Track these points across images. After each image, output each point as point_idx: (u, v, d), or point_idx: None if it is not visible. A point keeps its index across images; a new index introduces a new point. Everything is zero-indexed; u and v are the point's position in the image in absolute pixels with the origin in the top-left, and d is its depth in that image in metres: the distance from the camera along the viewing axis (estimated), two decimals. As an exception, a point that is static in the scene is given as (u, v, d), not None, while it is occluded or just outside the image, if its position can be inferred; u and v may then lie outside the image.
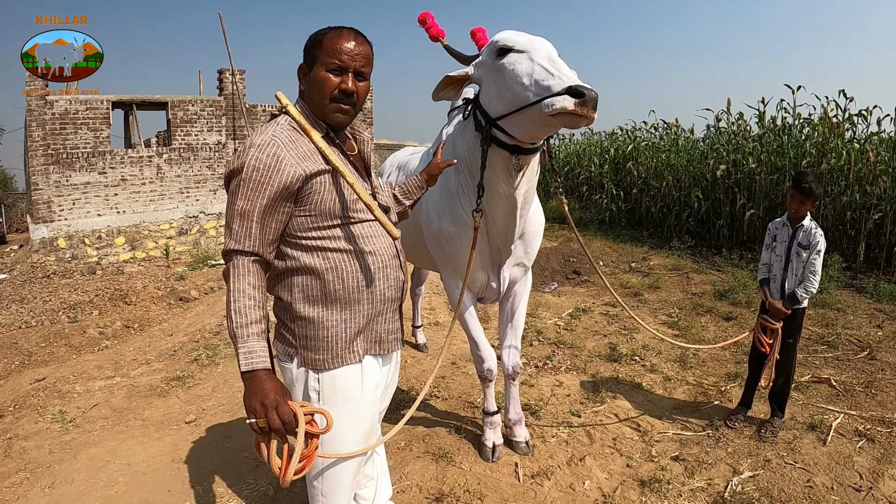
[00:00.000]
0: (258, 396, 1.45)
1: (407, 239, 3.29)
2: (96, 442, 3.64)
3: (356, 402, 1.73)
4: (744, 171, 8.67)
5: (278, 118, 1.69)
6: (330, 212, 1.64)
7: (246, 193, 1.55)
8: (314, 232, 1.64)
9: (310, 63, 1.67)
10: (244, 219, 1.55)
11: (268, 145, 1.57)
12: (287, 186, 1.56)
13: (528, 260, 2.96)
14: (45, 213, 9.91)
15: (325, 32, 1.67)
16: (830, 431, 3.29)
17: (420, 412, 3.69)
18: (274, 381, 1.49)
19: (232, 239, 1.56)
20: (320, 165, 1.62)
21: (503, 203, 2.50)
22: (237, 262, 1.55)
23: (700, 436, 3.34)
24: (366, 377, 1.75)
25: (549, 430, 3.41)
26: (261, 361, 1.49)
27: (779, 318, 3.23)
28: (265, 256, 1.59)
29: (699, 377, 4.14)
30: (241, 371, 1.48)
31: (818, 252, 3.15)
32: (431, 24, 2.54)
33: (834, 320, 5.18)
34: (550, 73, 1.96)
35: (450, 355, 4.73)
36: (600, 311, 5.90)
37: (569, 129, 2.17)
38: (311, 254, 1.65)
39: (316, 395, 1.70)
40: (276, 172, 1.55)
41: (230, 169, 1.61)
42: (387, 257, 1.76)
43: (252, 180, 1.54)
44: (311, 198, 1.61)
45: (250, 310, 1.52)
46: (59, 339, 6.17)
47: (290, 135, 1.62)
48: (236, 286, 1.53)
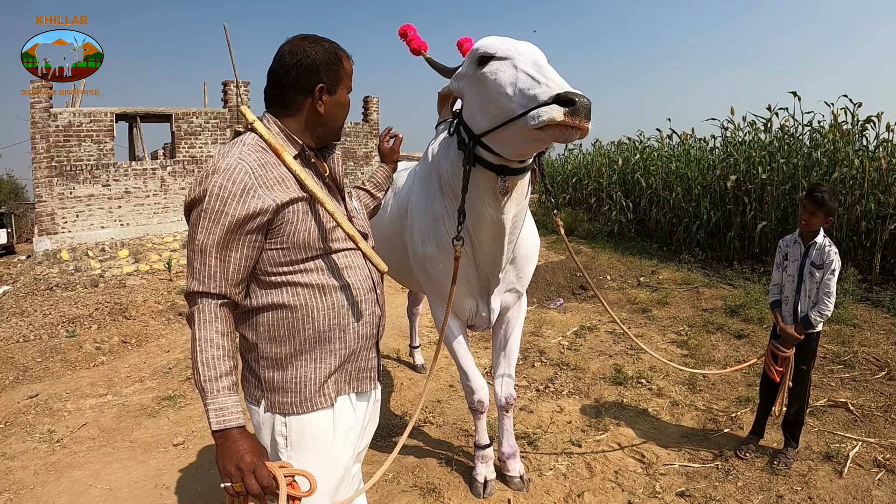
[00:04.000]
0: (233, 459, 1.32)
1: (395, 260, 3.12)
2: (81, 464, 3.59)
3: (327, 448, 1.57)
4: (754, 182, 8.49)
5: (243, 136, 1.53)
6: (304, 244, 1.49)
7: (208, 226, 1.39)
8: (286, 266, 1.49)
9: (333, 83, 1.56)
10: (208, 256, 1.40)
11: (233, 170, 1.40)
12: (255, 218, 1.40)
13: (522, 285, 2.78)
14: (48, 225, 9.89)
15: (337, 50, 1.58)
16: (847, 462, 3.12)
17: (412, 440, 3.55)
18: (249, 441, 1.36)
19: (195, 279, 1.41)
20: (294, 193, 1.46)
21: (490, 229, 2.32)
22: (202, 307, 1.40)
23: (708, 468, 3.16)
24: (338, 421, 1.59)
25: (546, 462, 3.25)
26: (234, 419, 1.36)
27: (791, 345, 3.05)
28: (233, 298, 1.44)
29: (708, 402, 3.96)
30: (212, 430, 1.34)
31: (833, 272, 2.97)
32: (413, 36, 2.39)
33: (850, 337, 5.01)
34: (536, 80, 1.77)
35: (448, 377, 4.59)
36: (606, 330, 5.74)
37: (562, 144, 1.99)
38: (280, 290, 1.50)
39: (283, 441, 1.54)
40: (243, 202, 1.39)
41: (191, 198, 1.43)
42: (362, 291, 1.60)
43: (215, 211, 1.38)
44: (284, 229, 1.46)
45: (219, 361, 1.37)
46: (55, 354, 6.08)
47: (258, 157, 1.45)
48: (202, 335, 1.38)
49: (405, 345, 5.44)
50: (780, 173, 8.22)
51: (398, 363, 5.08)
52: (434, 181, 2.57)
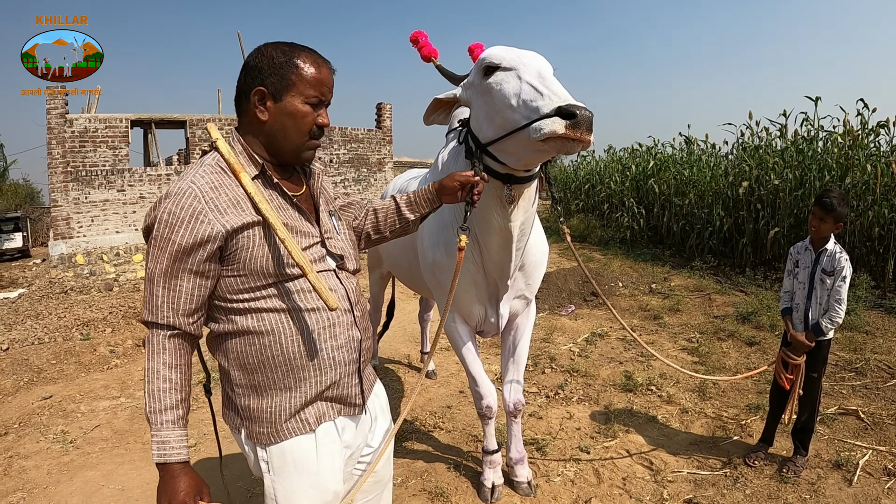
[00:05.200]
0: (168, 495, 1.32)
1: (406, 266, 3.15)
2: (94, 465, 3.62)
3: (311, 473, 1.49)
4: (767, 188, 8.43)
5: (206, 157, 1.46)
6: (262, 270, 1.40)
7: (157, 255, 1.34)
8: (246, 293, 1.42)
9: (279, 87, 1.40)
10: (155, 285, 1.35)
11: (183, 195, 1.33)
12: (205, 245, 1.34)
13: (530, 292, 2.79)
14: (63, 229, 10.01)
15: (297, 54, 1.42)
16: (857, 470, 3.09)
17: (421, 445, 3.56)
18: (188, 479, 1.34)
19: (146, 308, 1.36)
20: (247, 217, 1.37)
21: (497, 236, 2.34)
22: (151, 338, 1.36)
23: (717, 475, 3.14)
24: (321, 447, 1.51)
25: (554, 468, 3.24)
26: (174, 454, 1.33)
27: (801, 352, 3.03)
28: (184, 328, 1.38)
29: (718, 409, 3.94)
30: (155, 462, 1.33)
31: (843, 278, 2.95)
32: (424, 43, 2.41)
33: (862, 344, 4.96)
34: (539, 92, 1.78)
35: (457, 383, 4.59)
36: (617, 336, 5.71)
37: (565, 155, 2.00)
38: (244, 316, 1.43)
39: (266, 466, 1.49)
40: (188, 229, 1.32)
41: (145, 224, 1.39)
42: (336, 314, 1.50)
43: (163, 238, 1.33)
44: (239, 255, 1.38)
45: (164, 394, 1.33)
46: (69, 357, 6.13)
47: (213, 179, 1.38)
48: (150, 365, 1.35)
49: (416, 350, 5.46)
50: (792, 180, 8.17)
51: (409, 368, 5.09)
52: None
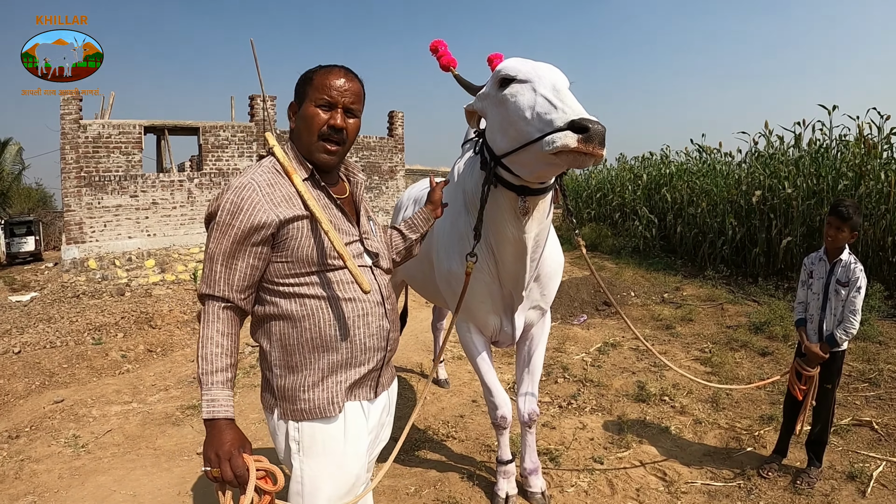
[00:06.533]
0: (214, 446, 1.43)
1: (421, 276, 3.16)
2: (105, 469, 3.62)
3: (338, 454, 1.63)
4: (780, 197, 8.39)
5: (263, 160, 1.66)
6: (308, 259, 1.58)
7: (218, 237, 1.53)
8: (291, 279, 1.59)
9: (300, 100, 1.65)
10: (215, 263, 1.53)
11: (243, 188, 1.54)
12: (258, 230, 1.52)
13: (546, 302, 2.79)
14: (76, 233, 10.09)
15: (316, 69, 1.66)
16: (871, 482, 3.06)
17: (435, 454, 3.56)
18: (233, 432, 1.45)
19: (203, 282, 1.54)
20: (297, 211, 1.57)
21: (512, 247, 2.35)
22: (207, 308, 1.53)
23: (730, 486, 3.12)
24: (349, 428, 1.65)
25: (568, 478, 3.22)
26: (222, 410, 1.46)
27: (815, 363, 3.01)
28: (236, 303, 1.55)
29: (732, 420, 3.91)
30: (203, 418, 1.46)
31: (858, 289, 2.93)
32: (443, 52, 2.42)
33: (875, 354, 4.92)
34: (553, 105, 1.79)
35: (471, 392, 4.59)
36: (630, 346, 5.69)
37: (577, 168, 2.00)
38: (289, 300, 1.59)
39: (296, 446, 1.61)
40: (248, 216, 1.51)
41: (208, 212, 1.59)
42: (368, 305, 1.66)
43: (224, 223, 1.52)
44: (288, 244, 1.57)
45: (217, 357, 1.48)
46: (81, 361, 6.17)
47: (269, 177, 1.58)
48: (205, 332, 1.51)
49: (429, 359, 5.46)
50: (805, 189, 8.13)
51: (421, 377, 5.09)
52: (459, 199, 2.60)
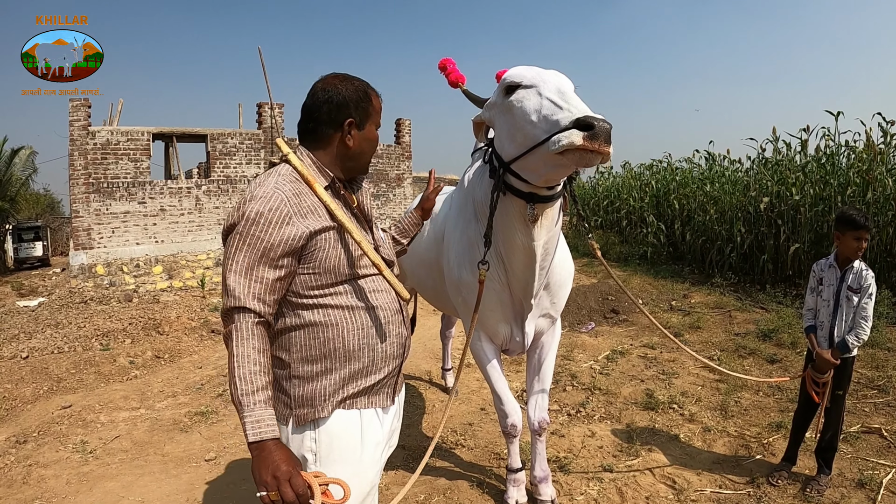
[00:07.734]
0: (269, 468, 1.36)
1: (431, 284, 3.16)
2: (113, 476, 3.63)
3: (355, 462, 1.62)
4: (787, 203, 8.36)
5: (278, 167, 1.62)
6: (335, 269, 1.58)
7: (245, 249, 1.48)
8: (317, 290, 1.57)
9: (362, 119, 1.65)
10: (244, 276, 1.48)
11: (270, 198, 1.50)
12: (289, 243, 1.49)
13: (556, 310, 2.79)
14: (84, 240, 10.13)
15: (371, 89, 1.68)
16: (881, 489, 3.04)
17: (444, 462, 3.55)
18: (284, 451, 1.41)
19: (232, 297, 1.47)
20: (325, 222, 1.55)
21: (522, 255, 2.35)
22: (240, 324, 1.47)
23: (740, 494, 3.10)
24: (366, 435, 1.65)
25: (577, 486, 3.21)
26: (269, 431, 1.41)
27: (826, 370, 2.99)
28: (267, 317, 1.51)
29: (741, 427, 3.89)
30: (249, 441, 1.40)
31: (870, 295, 2.94)
32: (452, 69, 2.50)
33: (884, 361, 4.89)
34: (559, 106, 1.82)
35: (479, 400, 4.58)
36: (638, 354, 5.67)
37: (585, 168, 2.00)
38: (312, 311, 1.58)
39: (312, 456, 1.58)
40: (278, 227, 1.48)
41: (229, 222, 1.53)
42: (389, 313, 1.68)
43: (252, 235, 1.47)
44: (316, 255, 1.55)
45: (256, 376, 1.43)
46: (89, 367, 6.19)
47: (293, 187, 1.55)
48: (240, 351, 1.45)
49: (437, 367, 5.44)
50: (813, 195, 8.10)
51: (430, 385, 5.08)
52: (469, 207, 2.61)
